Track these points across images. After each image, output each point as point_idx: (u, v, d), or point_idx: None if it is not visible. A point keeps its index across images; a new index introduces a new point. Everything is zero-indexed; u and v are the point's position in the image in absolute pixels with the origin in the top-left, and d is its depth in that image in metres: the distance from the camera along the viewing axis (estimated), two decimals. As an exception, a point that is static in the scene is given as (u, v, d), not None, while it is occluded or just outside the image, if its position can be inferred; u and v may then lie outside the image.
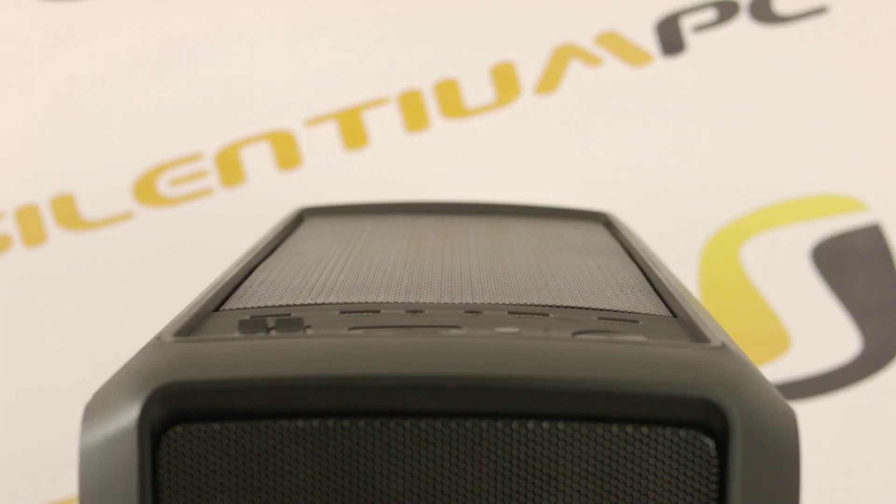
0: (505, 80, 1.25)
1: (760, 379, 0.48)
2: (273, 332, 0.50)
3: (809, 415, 1.23)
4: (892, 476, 1.26)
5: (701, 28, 1.26)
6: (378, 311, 0.55)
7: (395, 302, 0.57)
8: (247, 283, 0.64)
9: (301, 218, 0.89)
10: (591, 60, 1.25)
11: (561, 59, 1.25)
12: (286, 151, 1.24)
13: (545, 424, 0.45)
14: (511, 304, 0.58)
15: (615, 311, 0.58)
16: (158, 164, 1.24)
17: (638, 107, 1.26)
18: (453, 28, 1.25)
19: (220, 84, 1.24)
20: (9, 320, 1.23)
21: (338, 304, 0.57)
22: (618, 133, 1.26)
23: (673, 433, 0.45)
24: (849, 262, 1.25)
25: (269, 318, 0.53)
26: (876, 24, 1.25)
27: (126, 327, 1.19)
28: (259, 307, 0.58)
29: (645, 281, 0.67)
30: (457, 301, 0.58)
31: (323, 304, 0.57)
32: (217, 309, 0.58)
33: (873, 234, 1.25)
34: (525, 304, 0.58)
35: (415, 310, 0.55)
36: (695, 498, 0.45)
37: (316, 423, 0.45)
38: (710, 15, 1.26)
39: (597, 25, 1.25)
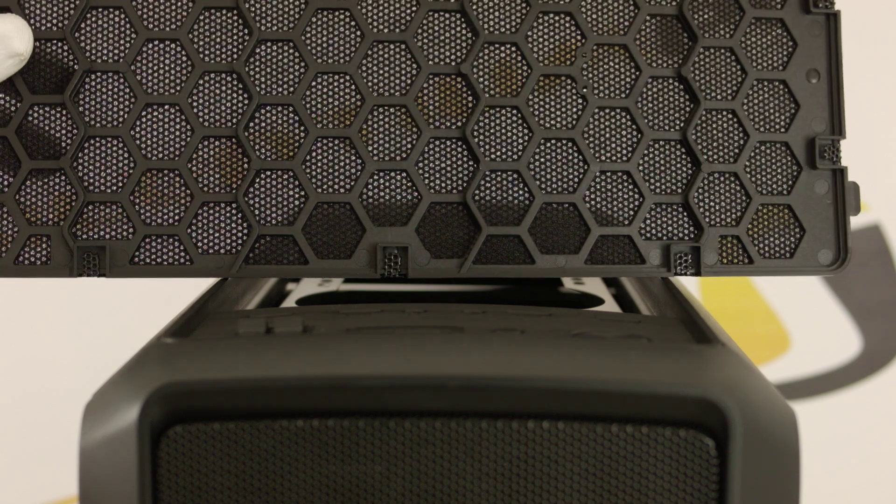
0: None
1: (760, 379, 0.48)
2: (273, 332, 0.50)
3: (809, 415, 1.24)
4: (891, 476, 1.26)
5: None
6: (378, 311, 0.55)
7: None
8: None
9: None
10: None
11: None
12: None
13: (545, 424, 0.45)
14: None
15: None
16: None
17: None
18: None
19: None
20: (9, 320, 1.23)
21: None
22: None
23: (673, 433, 0.45)
24: (849, 262, 1.25)
25: (269, 318, 0.53)
26: (876, 24, 1.25)
27: (126, 327, 1.20)
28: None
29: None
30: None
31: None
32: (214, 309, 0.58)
33: (873, 234, 1.25)
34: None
35: (416, 310, 0.55)
36: (695, 498, 0.45)
37: (316, 423, 0.45)
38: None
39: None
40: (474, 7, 0.57)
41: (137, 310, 1.20)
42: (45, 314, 1.23)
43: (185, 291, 0.65)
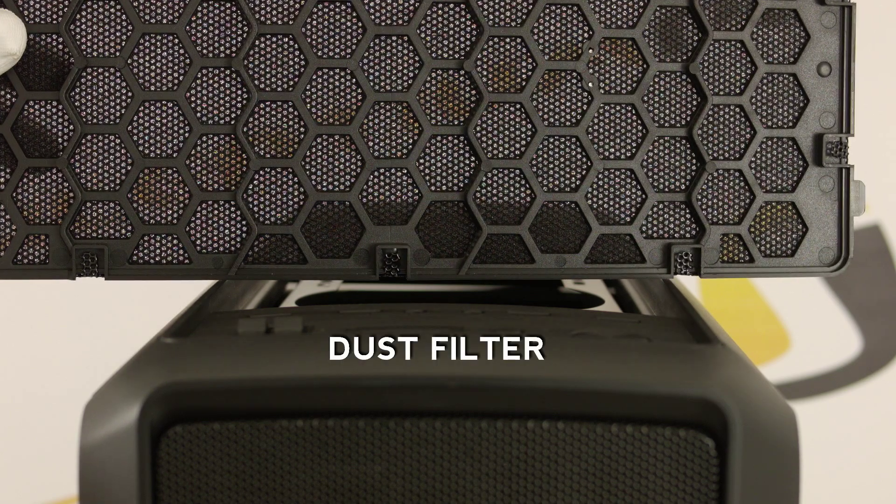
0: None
1: (760, 379, 0.48)
2: (273, 332, 0.50)
3: (809, 415, 1.23)
4: (891, 476, 1.26)
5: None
6: (378, 311, 0.55)
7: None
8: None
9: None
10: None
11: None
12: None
13: (545, 424, 0.45)
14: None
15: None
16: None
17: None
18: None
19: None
20: (9, 321, 1.23)
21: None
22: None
23: (673, 433, 0.45)
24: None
25: (269, 318, 0.53)
26: (876, 24, 1.25)
27: (126, 327, 1.19)
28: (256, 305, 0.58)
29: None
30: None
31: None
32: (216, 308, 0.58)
33: (873, 234, 1.25)
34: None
35: (416, 310, 0.55)
36: (694, 498, 0.45)
37: (316, 423, 0.45)
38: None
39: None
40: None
41: (137, 310, 1.20)
42: (45, 314, 1.23)
43: (185, 291, 0.65)
